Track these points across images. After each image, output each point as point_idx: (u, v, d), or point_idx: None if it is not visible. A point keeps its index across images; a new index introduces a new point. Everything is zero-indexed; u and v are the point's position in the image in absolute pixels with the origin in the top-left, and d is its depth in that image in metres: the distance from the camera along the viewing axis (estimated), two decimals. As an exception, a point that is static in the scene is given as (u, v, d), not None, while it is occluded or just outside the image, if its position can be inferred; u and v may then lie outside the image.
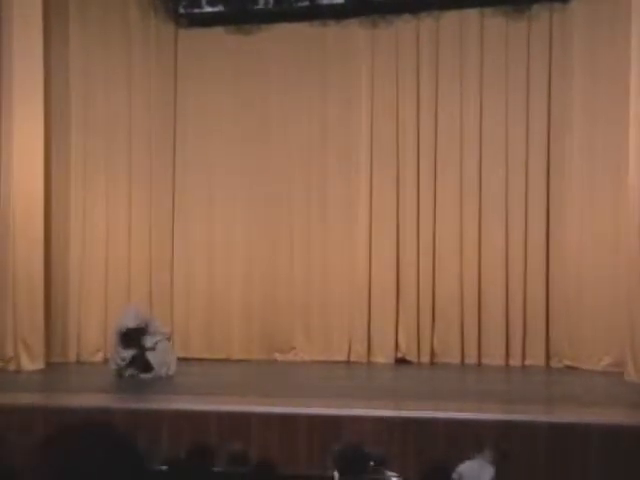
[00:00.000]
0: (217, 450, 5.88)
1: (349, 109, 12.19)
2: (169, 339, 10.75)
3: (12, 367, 10.77)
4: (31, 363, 10.88)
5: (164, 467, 5.55)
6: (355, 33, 12.14)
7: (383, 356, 11.90)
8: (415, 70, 11.95)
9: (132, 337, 10.23)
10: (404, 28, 12.00)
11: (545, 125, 11.52)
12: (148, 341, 10.28)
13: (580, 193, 11.26)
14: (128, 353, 10.21)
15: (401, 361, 11.85)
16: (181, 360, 11.10)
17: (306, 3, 12.02)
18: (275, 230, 12.32)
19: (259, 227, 12.36)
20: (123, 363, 10.21)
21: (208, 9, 12.23)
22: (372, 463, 5.69)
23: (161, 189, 12.54)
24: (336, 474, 5.42)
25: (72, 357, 11.73)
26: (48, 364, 11.16)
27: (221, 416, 7.96)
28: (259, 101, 12.38)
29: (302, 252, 12.26)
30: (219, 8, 12.20)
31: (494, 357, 11.50)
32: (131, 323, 10.28)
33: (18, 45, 10.87)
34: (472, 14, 11.75)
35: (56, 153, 11.70)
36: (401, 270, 11.95)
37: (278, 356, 12.20)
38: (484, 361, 11.57)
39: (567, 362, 11.26)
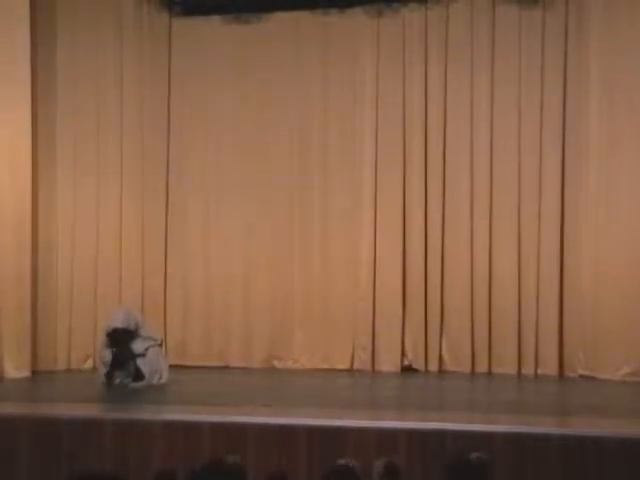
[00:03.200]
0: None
1: (353, 103, 12.14)
2: (161, 345, 10.75)
3: (-5, 375, 10.79)
4: (16, 371, 10.87)
5: None
6: (359, 22, 12.09)
7: (388, 364, 11.85)
8: (423, 62, 11.89)
9: (121, 338, 10.22)
10: (411, 17, 11.96)
11: (560, 122, 11.45)
12: (138, 346, 10.28)
13: (597, 192, 11.21)
14: (116, 356, 10.21)
15: (407, 369, 11.81)
16: (175, 368, 11.10)
17: (307, -10, 12.06)
18: (275, 232, 12.27)
19: (258, 229, 12.31)
20: (107, 362, 10.21)
21: (205, -4, 12.27)
22: None
23: (154, 190, 12.49)
24: None
25: (60, 365, 11.72)
26: (35, 372, 11.15)
27: (216, 427, 7.94)
28: (258, 96, 12.31)
29: (303, 255, 12.22)
30: (216, -5, 12.23)
31: (505, 366, 11.45)
32: (120, 323, 10.28)
33: (2, 35, 10.88)
34: (483, 1, 11.72)
35: (43, 154, 11.67)
36: (408, 273, 11.91)
37: (277, 364, 12.18)
38: (495, 370, 11.53)
39: (582, 371, 11.21)
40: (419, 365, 11.80)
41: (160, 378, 10.30)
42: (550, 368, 11.35)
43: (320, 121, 12.24)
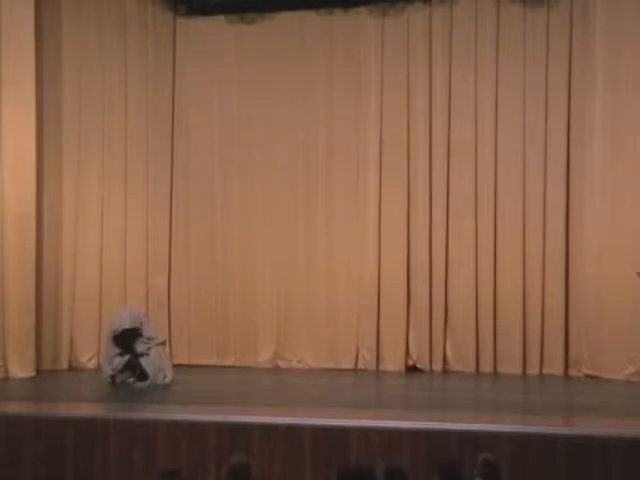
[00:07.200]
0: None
1: (357, 103, 12.14)
2: (164, 344, 10.74)
3: (0, 375, 10.74)
4: (21, 371, 10.87)
5: None
6: (364, 22, 12.11)
7: (393, 364, 11.86)
8: (427, 61, 11.91)
9: (128, 339, 10.21)
10: (415, 16, 11.97)
11: (565, 120, 11.44)
12: (141, 346, 10.27)
13: (601, 193, 11.18)
14: (123, 357, 10.20)
15: (412, 369, 11.80)
16: (180, 367, 11.10)
17: (312, -10, 12.06)
18: (278, 230, 12.28)
19: (261, 228, 12.33)
20: (118, 368, 10.20)
21: (209, -5, 12.27)
22: None
23: (158, 188, 12.51)
24: None
25: (65, 364, 11.71)
26: (40, 372, 11.14)
27: (221, 427, 7.93)
28: (262, 95, 12.34)
29: (307, 254, 12.23)
30: (220, -6, 12.23)
31: (510, 365, 11.45)
32: (128, 324, 10.28)
33: (8, 35, 10.87)
34: (487, 1, 11.71)
35: (48, 152, 11.67)
36: (412, 272, 11.90)
37: (282, 363, 12.18)
38: (500, 369, 11.52)
39: (587, 371, 11.20)
40: (423, 365, 11.79)
41: (165, 377, 10.29)
42: (555, 368, 11.35)
43: (325, 120, 12.24)
